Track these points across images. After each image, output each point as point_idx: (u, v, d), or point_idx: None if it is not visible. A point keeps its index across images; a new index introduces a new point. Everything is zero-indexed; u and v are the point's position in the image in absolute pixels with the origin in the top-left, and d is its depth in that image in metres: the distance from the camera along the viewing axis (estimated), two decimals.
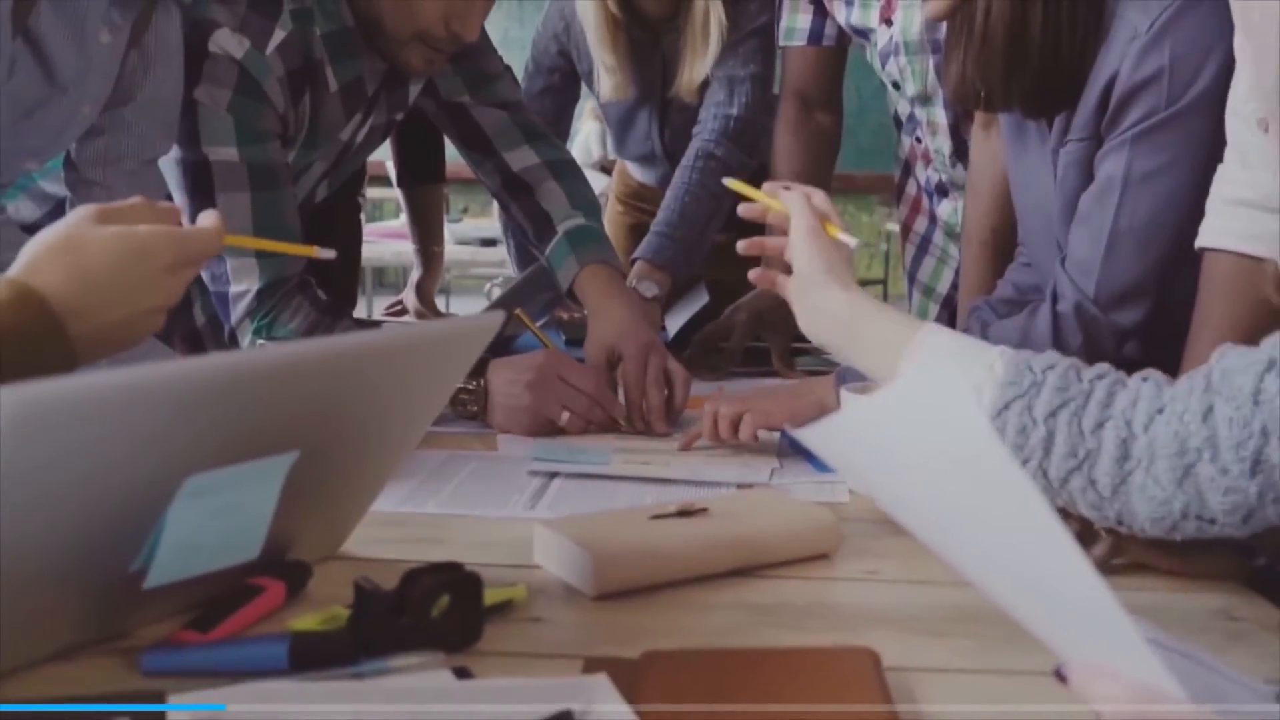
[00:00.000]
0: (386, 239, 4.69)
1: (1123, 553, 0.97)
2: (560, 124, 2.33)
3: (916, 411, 0.56)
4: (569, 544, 0.92)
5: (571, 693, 0.69)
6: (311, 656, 0.75)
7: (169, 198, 1.55)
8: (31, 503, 0.65)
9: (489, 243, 4.83)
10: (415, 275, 2.44)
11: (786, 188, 1.14)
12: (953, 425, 0.54)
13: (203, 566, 0.79)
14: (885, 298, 8.32)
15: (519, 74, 2.06)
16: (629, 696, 0.69)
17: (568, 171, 1.82)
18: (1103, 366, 0.90)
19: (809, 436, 0.65)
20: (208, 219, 0.93)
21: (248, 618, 0.81)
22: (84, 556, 0.72)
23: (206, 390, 0.70)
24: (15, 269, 0.84)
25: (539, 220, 1.79)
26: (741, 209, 1.19)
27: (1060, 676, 0.56)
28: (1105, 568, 0.94)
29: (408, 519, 1.08)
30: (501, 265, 4.22)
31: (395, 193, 2.47)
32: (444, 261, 2.53)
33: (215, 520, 0.77)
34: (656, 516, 0.99)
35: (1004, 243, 1.63)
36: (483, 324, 0.89)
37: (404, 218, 2.43)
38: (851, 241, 1.09)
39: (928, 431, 0.56)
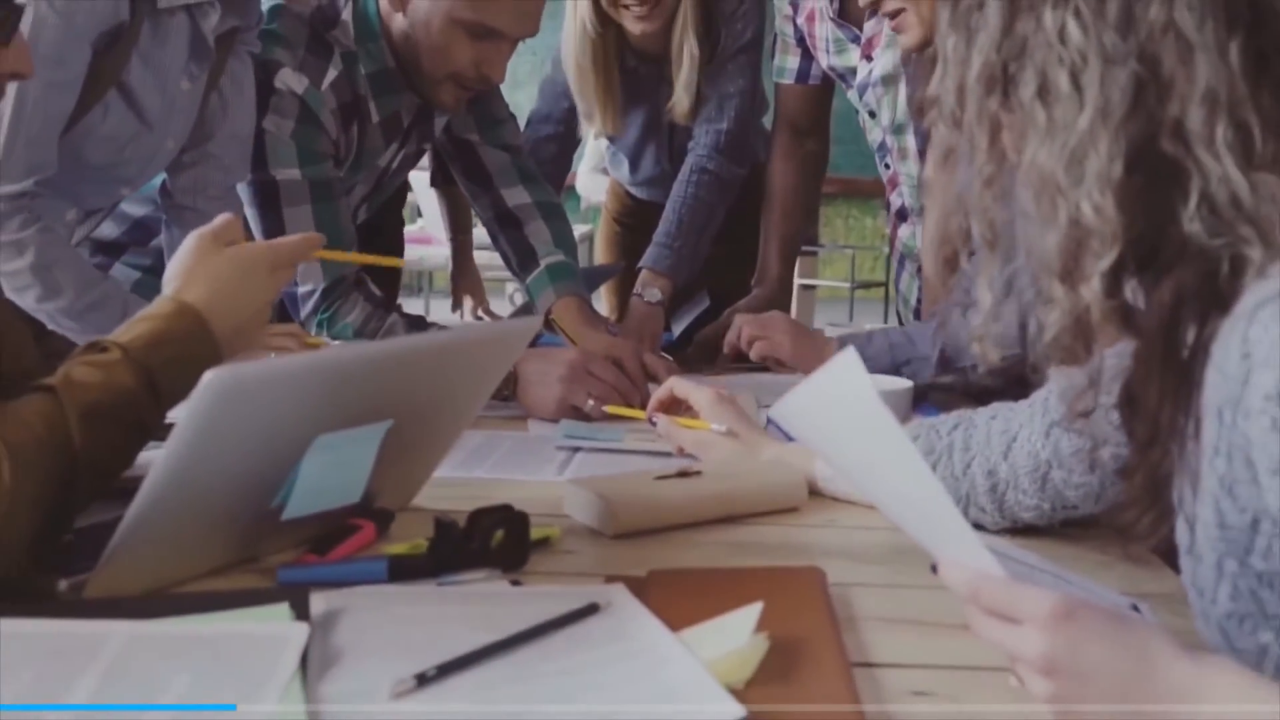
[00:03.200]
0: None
1: None
2: (562, 163, 2.57)
3: (831, 394, 0.81)
4: (594, 496, 1.17)
5: (596, 595, 0.94)
6: (405, 571, 1.01)
7: None
8: (215, 454, 0.92)
9: None
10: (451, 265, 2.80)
11: (653, 422, 1.46)
12: (855, 404, 0.80)
13: (322, 505, 1.06)
14: (887, 299, 8.60)
15: (517, 99, 2.32)
16: (639, 598, 0.95)
17: (554, 214, 2.09)
18: (954, 417, 1.19)
19: (777, 413, 0.90)
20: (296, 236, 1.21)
21: (351, 547, 1.07)
22: (241, 494, 0.98)
23: (335, 373, 0.97)
24: (170, 289, 1.11)
25: (524, 252, 2.05)
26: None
27: (933, 569, 0.82)
28: None
29: (461, 481, 1.34)
30: None
31: (410, 198, 2.76)
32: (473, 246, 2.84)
33: (333, 470, 1.03)
34: (661, 477, 1.24)
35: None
36: (526, 325, 1.16)
37: (420, 223, 2.70)
38: (721, 429, 1.37)
39: (841, 409, 0.82)
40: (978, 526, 1.12)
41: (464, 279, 2.75)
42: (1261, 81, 0.75)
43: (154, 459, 0.98)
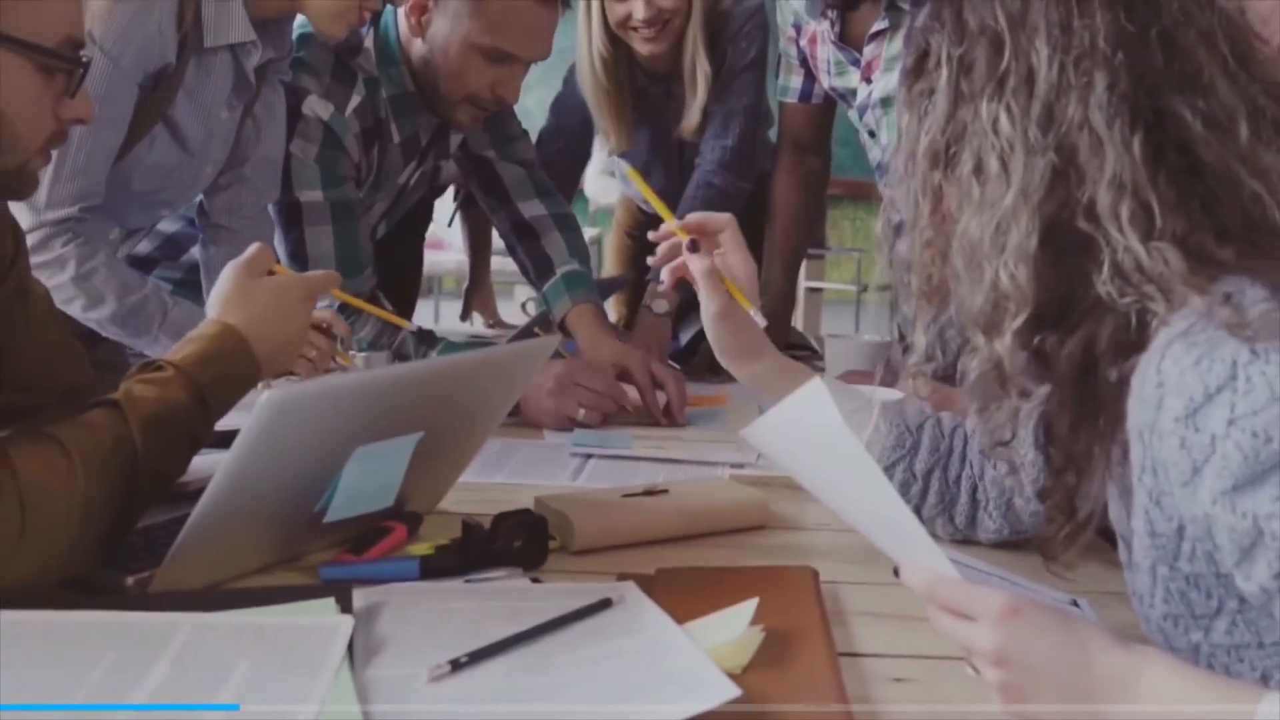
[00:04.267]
0: None
1: None
2: (572, 177, 2.67)
3: (801, 420, 0.92)
4: (561, 512, 1.24)
5: (609, 591, 1.04)
6: (435, 570, 1.11)
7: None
8: (270, 464, 1.02)
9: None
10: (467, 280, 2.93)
11: (695, 246, 1.28)
12: (823, 429, 0.89)
13: (359, 509, 1.16)
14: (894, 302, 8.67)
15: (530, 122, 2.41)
16: (648, 594, 1.05)
17: (568, 225, 2.20)
18: (952, 418, 1.28)
19: (748, 434, 1.00)
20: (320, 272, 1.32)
21: (385, 547, 1.17)
22: (290, 499, 1.09)
23: (374, 391, 1.07)
24: (213, 315, 1.21)
25: (540, 262, 2.16)
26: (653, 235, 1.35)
27: (896, 573, 0.92)
28: None
29: (483, 486, 1.44)
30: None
31: None
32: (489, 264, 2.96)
33: (370, 477, 1.14)
34: (627, 495, 1.31)
35: None
36: (542, 345, 1.27)
37: (431, 228, 2.83)
38: (761, 321, 1.27)
39: (810, 433, 0.92)
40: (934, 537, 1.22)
41: (477, 293, 2.87)
42: (1159, 168, 0.86)
43: (206, 463, 1.10)
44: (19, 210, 1.55)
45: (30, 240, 1.54)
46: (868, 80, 2.22)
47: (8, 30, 0.99)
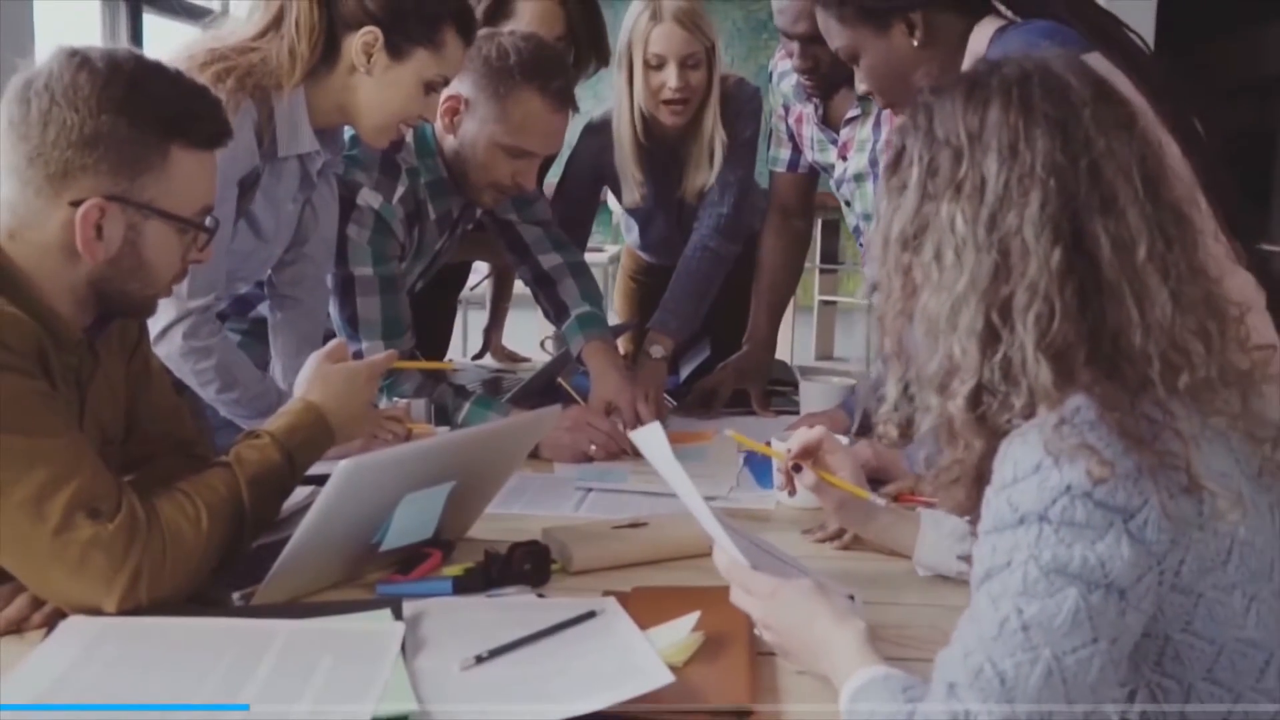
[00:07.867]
0: None
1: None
2: (583, 223, 2.97)
3: (649, 443, 1.30)
4: (562, 541, 1.58)
5: (595, 605, 1.38)
6: (464, 587, 1.46)
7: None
8: (343, 513, 1.38)
9: None
10: (487, 322, 3.31)
11: (798, 468, 1.57)
12: (659, 453, 1.28)
13: (406, 540, 1.52)
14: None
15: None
16: (624, 607, 1.39)
17: (581, 272, 2.58)
18: None
19: (636, 436, 1.36)
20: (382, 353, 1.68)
21: (426, 569, 1.53)
22: (355, 537, 1.45)
23: (419, 456, 1.43)
24: (299, 393, 1.57)
25: (558, 307, 2.55)
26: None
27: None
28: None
29: (503, 516, 1.77)
30: None
31: None
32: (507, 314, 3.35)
33: (415, 516, 1.50)
34: (616, 526, 1.66)
35: None
36: (549, 415, 1.64)
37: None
38: (880, 502, 1.56)
39: (655, 455, 1.30)
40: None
41: (495, 334, 3.25)
42: (1068, 280, 1.03)
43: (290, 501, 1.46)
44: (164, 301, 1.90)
45: (183, 327, 1.91)
46: (844, 158, 2.56)
47: (159, 205, 1.35)
